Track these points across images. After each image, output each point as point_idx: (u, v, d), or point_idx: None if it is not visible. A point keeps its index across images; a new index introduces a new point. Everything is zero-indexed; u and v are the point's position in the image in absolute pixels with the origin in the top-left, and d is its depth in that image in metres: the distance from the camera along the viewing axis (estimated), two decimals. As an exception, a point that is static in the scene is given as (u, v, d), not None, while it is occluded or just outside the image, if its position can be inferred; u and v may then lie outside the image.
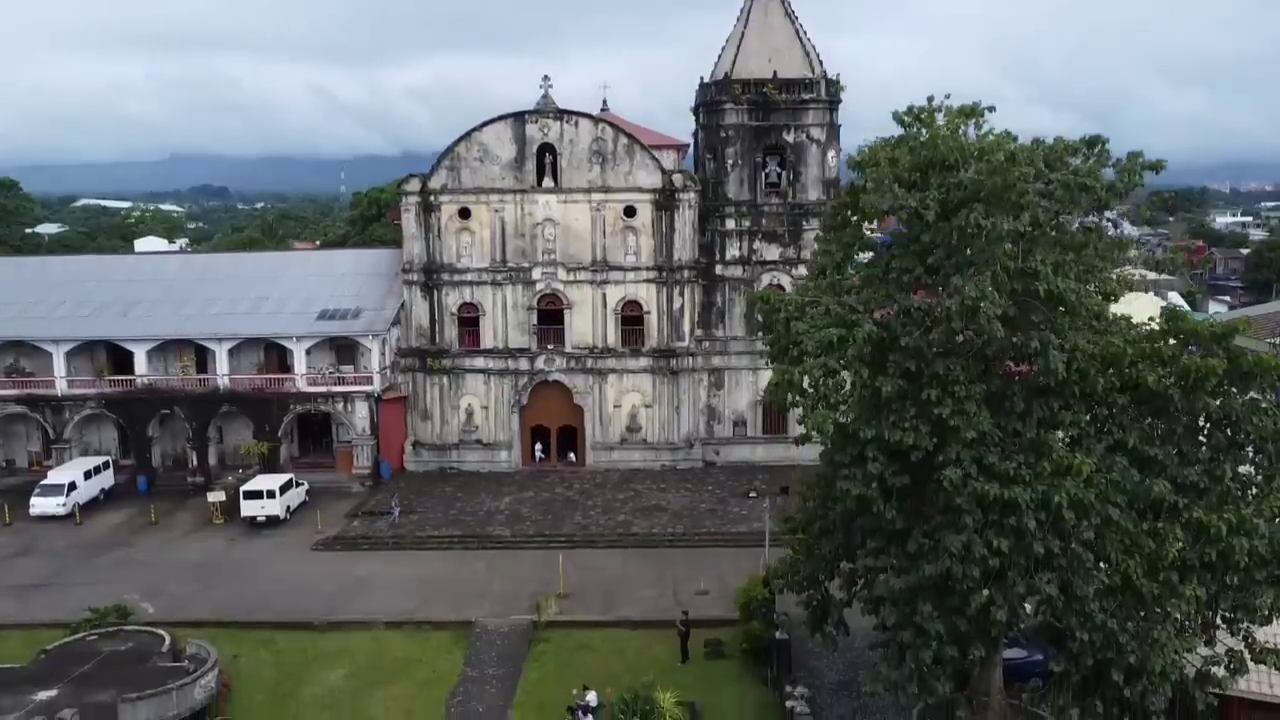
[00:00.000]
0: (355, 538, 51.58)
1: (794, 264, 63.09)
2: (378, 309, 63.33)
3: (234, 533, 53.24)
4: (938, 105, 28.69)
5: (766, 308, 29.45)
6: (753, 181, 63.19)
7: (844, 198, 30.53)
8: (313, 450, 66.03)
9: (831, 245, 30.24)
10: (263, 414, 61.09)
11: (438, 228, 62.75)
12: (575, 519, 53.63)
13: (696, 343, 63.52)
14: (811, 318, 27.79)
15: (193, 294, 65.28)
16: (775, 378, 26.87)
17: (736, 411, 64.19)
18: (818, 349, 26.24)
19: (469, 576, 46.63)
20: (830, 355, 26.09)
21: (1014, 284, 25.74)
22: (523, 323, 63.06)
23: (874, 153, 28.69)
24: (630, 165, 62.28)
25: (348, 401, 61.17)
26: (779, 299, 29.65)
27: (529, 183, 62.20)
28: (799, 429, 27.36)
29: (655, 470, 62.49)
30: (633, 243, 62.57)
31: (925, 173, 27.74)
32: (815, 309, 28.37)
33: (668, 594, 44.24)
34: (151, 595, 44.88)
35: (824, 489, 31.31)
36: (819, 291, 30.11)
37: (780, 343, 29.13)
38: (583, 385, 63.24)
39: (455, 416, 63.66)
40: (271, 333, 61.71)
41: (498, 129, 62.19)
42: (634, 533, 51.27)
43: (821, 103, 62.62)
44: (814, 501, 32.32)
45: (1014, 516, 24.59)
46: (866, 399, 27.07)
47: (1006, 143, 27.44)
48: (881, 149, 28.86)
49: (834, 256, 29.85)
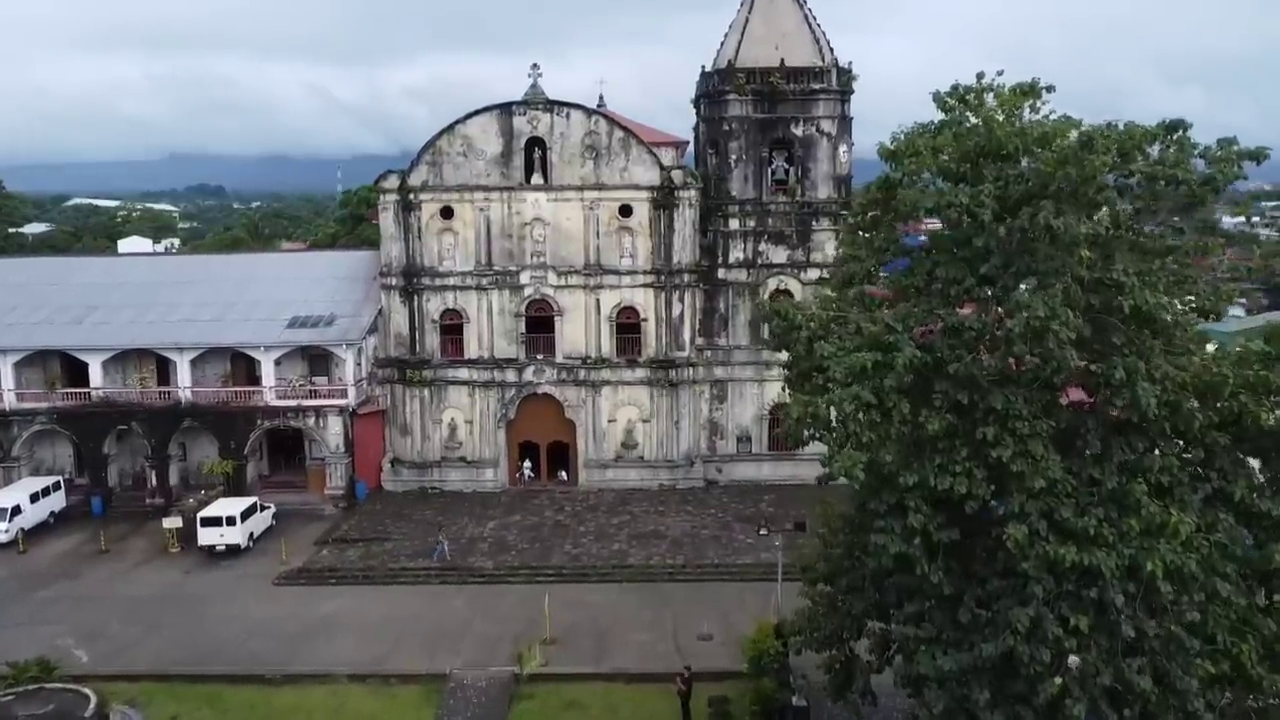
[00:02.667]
0: (322, 570, 46.80)
1: (803, 267, 58.42)
2: (353, 316, 58.60)
3: (191, 563, 48.50)
4: (988, 84, 24.04)
5: (784, 324, 24.67)
6: (758, 178, 58.45)
7: (874, 193, 25.82)
8: (284, 468, 61.31)
9: (860, 250, 25.55)
10: (228, 430, 56.36)
11: (418, 228, 57.99)
12: (565, 547, 48.90)
13: (697, 352, 58.85)
14: (839, 337, 23.14)
15: (156, 299, 60.50)
16: (795, 409, 22.19)
17: (741, 426, 59.48)
18: (847, 376, 21.56)
19: (446, 616, 41.92)
20: (863, 384, 21.40)
21: (1090, 298, 21.07)
22: (510, 330, 58.36)
23: (912, 141, 24.02)
24: (626, 161, 57.56)
25: (320, 416, 56.44)
26: (798, 313, 24.87)
27: (517, 179, 57.48)
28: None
29: (653, 490, 57.79)
30: (629, 244, 57.87)
31: (976, 163, 23.10)
32: (843, 327, 23.72)
33: (667, 638, 39.54)
34: (90, 639, 40.16)
35: (851, 536, 26.64)
36: (846, 305, 25.49)
37: (800, 366, 24.44)
38: (575, 398, 58.54)
39: (437, 432, 58.93)
40: (237, 341, 56.92)
41: (483, 121, 57.44)
42: (629, 564, 46.54)
43: (832, 93, 57.86)
44: (838, 549, 27.66)
45: (1095, 587, 19.92)
46: (907, 436, 22.40)
47: (1067, 129, 22.80)
48: (920, 136, 24.20)
49: (864, 263, 25.15)
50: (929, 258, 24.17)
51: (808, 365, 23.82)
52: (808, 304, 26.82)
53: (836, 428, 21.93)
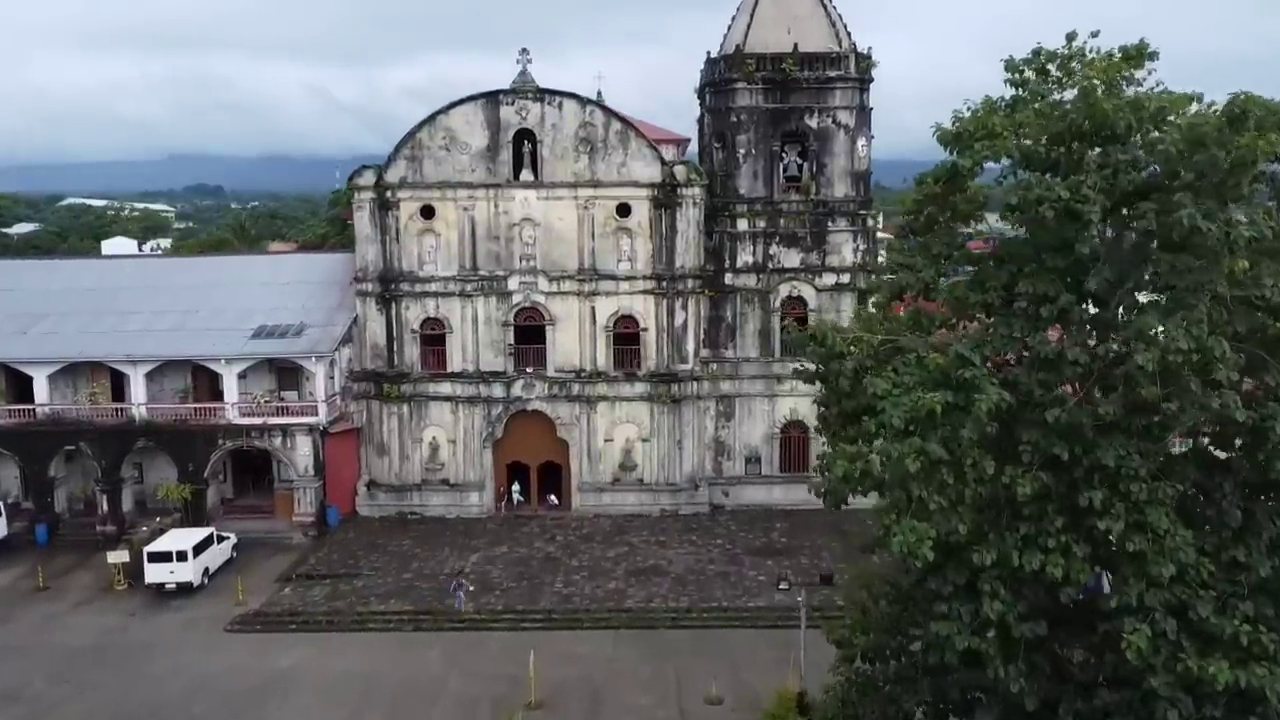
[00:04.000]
0: (281, 614, 41.63)
1: (818, 272, 53.29)
2: (325, 325, 53.43)
3: (137, 603, 43.34)
4: (1078, 48, 18.98)
5: (822, 350, 19.48)
6: (769, 175, 53.31)
7: (931, 187, 20.67)
8: (252, 491, 56.24)
9: (916, 256, 20.40)
10: (186, 451, 51.19)
11: (396, 229, 52.88)
12: (556, 586, 43.76)
13: (702, 365, 53.71)
14: (895, 370, 18.01)
15: (111, 306, 55.33)
16: (839, 465, 17.03)
17: (749, 446, 54.32)
18: (909, 422, 16.45)
19: (418, 671, 36.76)
20: (929, 434, 16.30)
21: (1235, 323, 15.99)
22: (497, 341, 53.22)
23: (984, 119, 18.92)
24: (624, 155, 52.43)
25: (287, 435, 51.27)
26: (837, 336, 19.70)
27: (504, 176, 52.37)
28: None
29: (653, 517, 52.67)
30: (627, 247, 52.74)
31: (1070, 147, 18.00)
32: (900, 356, 18.59)
33: (669, 701, 34.41)
34: (8, 700, 35.03)
35: (900, 610, 21.50)
36: (898, 326, 20.36)
37: (844, 406, 19.28)
38: (568, 415, 53.39)
39: (417, 452, 53.79)
40: (195, 353, 51.77)
41: (467, 112, 52.32)
42: (627, 607, 41.38)
43: (850, 81, 52.73)
44: (881, 622, 22.48)
45: (1253, 715, 14.82)
46: (982, 499, 17.30)
47: (1183, 102, 17.75)
48: (993, 113, 19.12)
49: (920, 275, 19.99)
50: (1001, 267, 19.10)
51: (853, 405, 18.67)
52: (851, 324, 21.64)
53: (893, 490, 16.83)
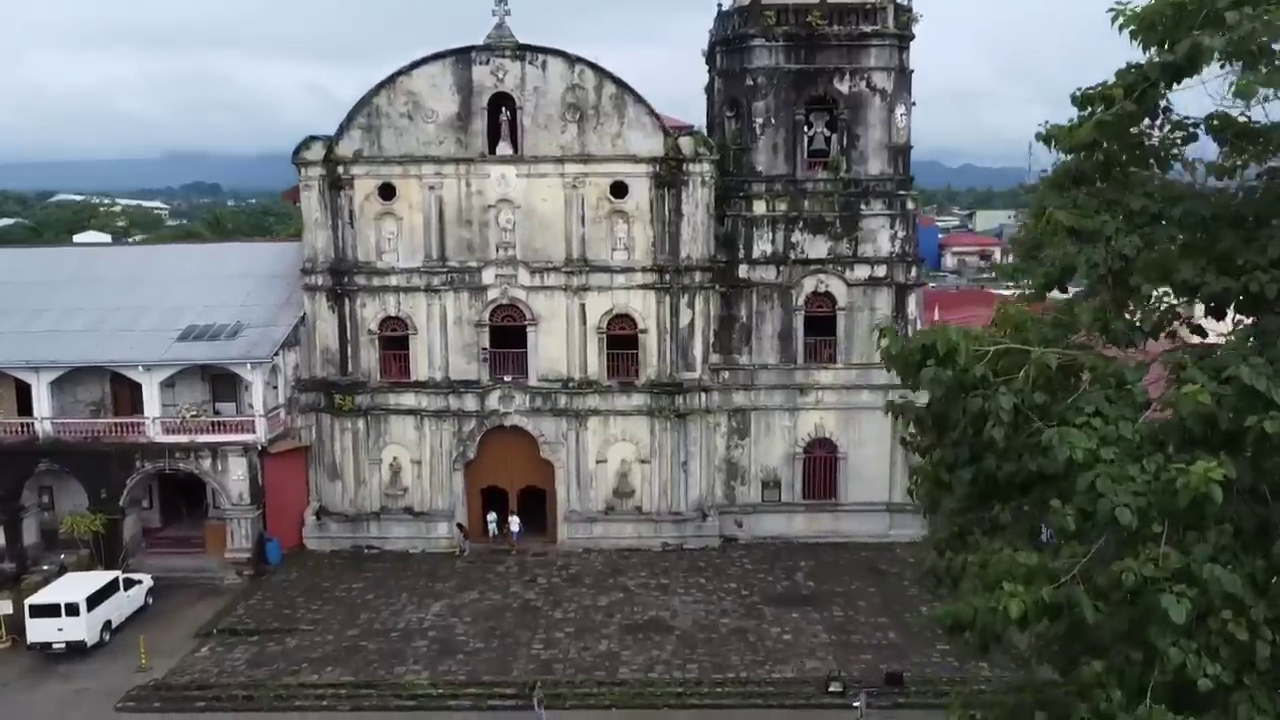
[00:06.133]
0: (189, 685, 33.34)
1: (849, 263, 45.13)
2: (266, 325, 45.28)
3: (17, 669, 35.18)
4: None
5: (948, 376, 11.25)
6: (791, 149, 45.15)
7: (1123, 99, 12.44)
8: (187, 518, 48.11)
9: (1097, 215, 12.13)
10: (98, 474, 43.08)
11: (349, 211, 44.70)
12: (534, 648, 35.55)
13: (711, 373, 45.54)
14: (1083, 410, 9.78)
15: (20, 303, 47.20)
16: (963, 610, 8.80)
17: (767, 468, 46.15)
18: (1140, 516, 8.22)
19: (351, 770, 28.66)
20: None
21: None
22: (469, 345, 45.06)
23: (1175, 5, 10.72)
24: (620, 125, 44.30)
25: (218, 456, 43.15)
26: (971, 348, 11.48)
27: (478, 149, 44.23)
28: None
29: (654, 551, 44.57)
30: (623, 233, 44.57)
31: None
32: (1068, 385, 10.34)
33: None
34: None
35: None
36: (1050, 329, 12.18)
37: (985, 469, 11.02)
38: (553, 432, 45.24)
39: (375, 475, 45.65)
40: (108, 359, 43.61)
41: (433, 72, 44.16)
42: (621, 679, 33.11)
43: (888, 37, 44.58)
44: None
45: None
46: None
47: None
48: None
49: (1111, 242, 11.73)
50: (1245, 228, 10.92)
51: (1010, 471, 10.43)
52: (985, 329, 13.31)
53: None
